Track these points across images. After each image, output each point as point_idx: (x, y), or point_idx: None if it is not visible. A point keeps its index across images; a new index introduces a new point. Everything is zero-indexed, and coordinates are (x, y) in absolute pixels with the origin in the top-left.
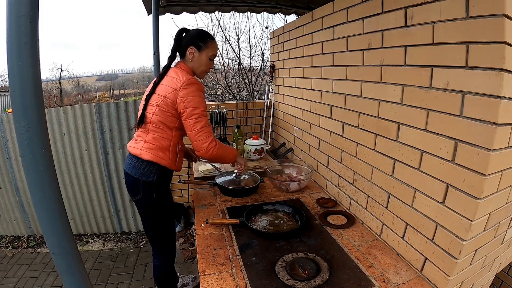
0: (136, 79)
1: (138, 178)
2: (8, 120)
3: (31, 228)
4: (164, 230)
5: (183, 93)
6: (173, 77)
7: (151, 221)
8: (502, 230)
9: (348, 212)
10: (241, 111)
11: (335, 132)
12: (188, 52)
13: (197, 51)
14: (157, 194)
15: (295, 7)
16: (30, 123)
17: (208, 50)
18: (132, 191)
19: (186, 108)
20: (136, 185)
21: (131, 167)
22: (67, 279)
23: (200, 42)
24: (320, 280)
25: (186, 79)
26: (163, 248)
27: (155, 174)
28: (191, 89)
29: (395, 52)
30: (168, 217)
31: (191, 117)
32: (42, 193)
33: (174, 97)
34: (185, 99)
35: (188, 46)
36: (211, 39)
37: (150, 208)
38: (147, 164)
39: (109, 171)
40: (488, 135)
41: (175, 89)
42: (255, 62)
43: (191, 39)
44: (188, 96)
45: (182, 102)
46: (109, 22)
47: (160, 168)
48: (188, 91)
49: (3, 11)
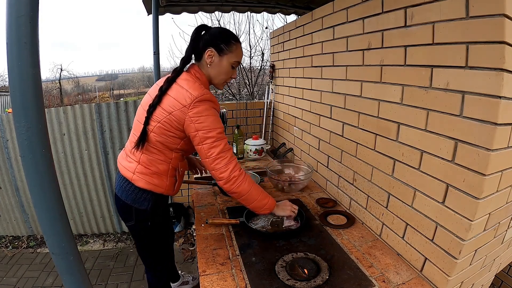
0: (136, 79)
1: (130, 204)
2: (8, 120)
3: (31, 228)
4: (157, 253)
5: (193, 113)
6: (182, 88)
7: (145, 243)
8: (502, 230)
9: (348, 212)
10: (241, 111)
11: (335, 132)
12: (206, 54)
13: (217, 54)
14: (152, 222)
15: (295, 7)
16: (30, 123)
17: (231, 55)
18: (124, 217)
19: (198, 131)
20: (128, 211)
21: (122, 190)
22: (67, 279)
23: (222, 43)
24: (320, 280)
25: (198, 94)
26: (155, 266)
27: (150, 201)
28: (204, 107)
29: (395, 52)
30: (162, 241)
31: (204, 142)
32: (42, 193)
33: (181, 116)
34: (196, 120)
35: (206, 47)
36: (237, 41)
37: (144, 234)
38: (140, 191)
39: (109, 171)
40: (488, 135)
41: (184, 105)
42: (255, 62)
43: (212, 39)
44: (200, 115)
45: (192, 124)
46: (109, 22)
47: (155, 195)
48: (200, 110)
49: (3, 11)
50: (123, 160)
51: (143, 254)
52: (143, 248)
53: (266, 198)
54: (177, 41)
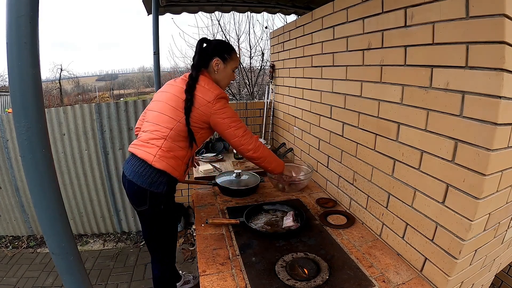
0: (136, 79)
1: (146, 188)
2: (8, 120)
3: (31, 228)
4: (166, 240)
5: (218, 106)
6: (205, 88)
7: (154, 230)
8: (502, 230)
9: (348, 212)
10: (241, 111)
11: (335, 132)
12: (213, 63)
13: (222, 62)
14: (165, 206)
15: (295, 7)
16: (30, 123)
17: (233, 62)
18: (137, 202)
19: (224, 119)
20: (142, 196)
21: (137, 174)
22: (67, 279)
23: (225, 53)
24: (320, 280)
25: (218, 92)
26: (163, 258)
27: (166, 184)
28: (224, 101)
29: (395, 52)
30: (172, 227)
31: (231, 127)
32: (42, 193)
33: (207, 109)
34: (221, 111)
35: (213, 57)
36: (234, 50)
37: (155, 219)
38: (157, 173)
39: (109, 171)
40: (488, 135)
41: (209, 101)
42: (255, 62)
43: (216, 50)
44: (223, 108)
45: (218, 115)
46: (109, 22)
47: (171, 179)
48: (222, 103)
49: (3, 11)
50: (141, 147)
51: (152, 244)
52: (154, 236)
53: (279, 159)
54: (177, 41)
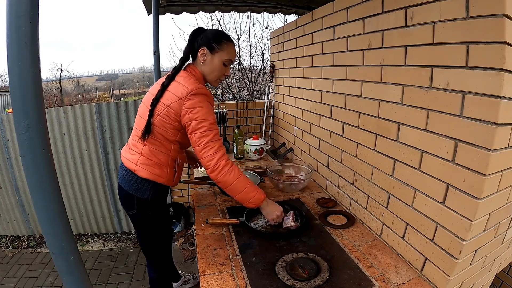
0: (136, 79)
1: (133, 194)
2: (8, 120)
3: (31, 228)
4: (159, 244)
5: (189, 104)
6: (179, 84)
7: (145, 234)
8: (502, 230)
9: (348, 212)
10: (241, 111)
11: (335, 132)
12: (199, 53)
13: (209, 52)
14: (153, 211)
15: (295, 7)
16: (30, 123)
17: (222, 53)
18: (126, 206)
19: (192, 120)
20: (130, 200)
21: (125, 180)
22: (67, 279)
23: (214, 43)
24: (320, 280)
25: (193, 88)
26: (157, 261)
27: (151, 191)
28: (198, 99)
29: (395, 52)
30: (163, 231)
31: (196, 131)
32: (42, 193)
33: (178, 107)
34: (191, 110)
35: (200, 47)
36: (228, 41)
37: (145, 223)
38: (142, 181)
39: (109, 171)
40: (488, 135)
41: (180, 98)
42: (255, 62)
43: (205, 39)
44: (195, 107)
45: (187, 114)
46: (109, 21)
47: (156, 185)
48: (195, 102)
49: (3, 11)
50: (126, 153)
51: (145, 247)
52: (145, 240)
53: (254, 192)
54: (177, 41)
